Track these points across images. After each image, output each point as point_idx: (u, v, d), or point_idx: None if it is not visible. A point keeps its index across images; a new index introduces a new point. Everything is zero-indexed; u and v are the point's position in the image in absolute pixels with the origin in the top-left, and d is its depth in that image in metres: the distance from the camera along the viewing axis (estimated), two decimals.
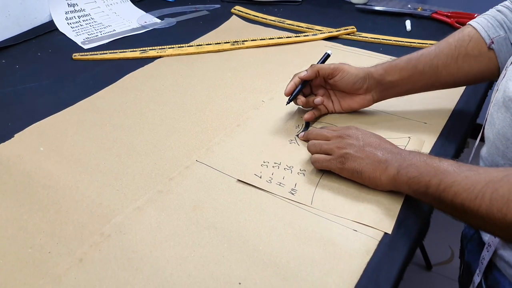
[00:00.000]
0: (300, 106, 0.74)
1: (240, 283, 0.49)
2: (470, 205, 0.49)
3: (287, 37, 1.02)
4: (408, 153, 0.57)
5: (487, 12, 0.71)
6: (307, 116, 0.72)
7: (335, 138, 0.62)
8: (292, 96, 0.71)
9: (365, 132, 0.62)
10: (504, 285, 0.58)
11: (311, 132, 0.66)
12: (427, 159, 0.55)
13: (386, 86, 0.72)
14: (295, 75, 0.73)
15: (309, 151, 0.64)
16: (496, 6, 0.71)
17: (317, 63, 0.74)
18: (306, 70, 0.71)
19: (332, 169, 0.61)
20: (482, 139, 0.65)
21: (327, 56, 0.75)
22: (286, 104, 0.72)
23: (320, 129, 0.66)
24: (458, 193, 0.50)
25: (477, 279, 0.62)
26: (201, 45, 0.99)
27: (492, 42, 0.67)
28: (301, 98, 0.72)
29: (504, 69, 0.61)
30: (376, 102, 0.74)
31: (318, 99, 0.71)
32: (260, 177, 0.62)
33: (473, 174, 0.50)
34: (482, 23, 0.69)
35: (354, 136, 0.61)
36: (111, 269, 0.50)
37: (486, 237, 0.61)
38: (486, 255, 0.60)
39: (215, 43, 0.99)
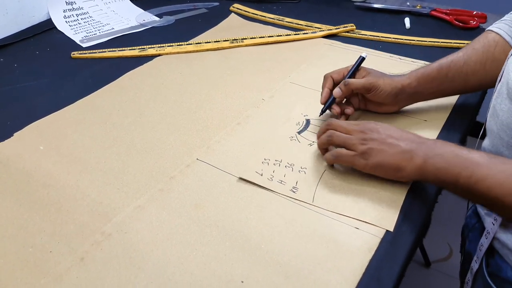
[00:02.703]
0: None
1: (242, 282, 0.49)
2: (505, 200, 0.49)
3: (286, 35, 1.01)
4: (433, 142, 0.57)
5: (504, 18, 0.72)
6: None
7: (356, 132, 0.61)
8: (326, 107, 0.71)
9: (384, 125, 0.61)
10: (506, 271, 0.59)
11: (331, 123, 0.63)
12: (456, 149, 0.54)
13: (415, 96, 0.72)
14: (326, 77, 0.72)
15: (328, 141, 0.62)
16: None
17: (352, 67, 0.72)
18: (338, 87, 0.69)
19: (355, 165, 0.60)
20: (481, 136, 0.65)
21: (361, 60, 0.72)
22: (320, 115, 0.72)
23: (340, 121, 0.64)
24: (491, 187, 0.50)
25: (475, 265, 0.63)
26: (200, 43, 0.98)
27: None
28: (336, 109, 0.71)
29: (506, 60, 0.61)
30: (400, 109, 0.74)
31: (349, 110, 0.72)
32: (261, 175, 0.62)
33: (508, 168, 0.50)
34: (504, 28, 0.69)
35: (375, 130, 0.60)
36: (113, 268, 0.50)
37: (487, 223, 0.62)
38: (484, 242, 0.60)
39: (214, 41, 0.99)
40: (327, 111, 0.72)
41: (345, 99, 0.74)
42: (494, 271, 0.61)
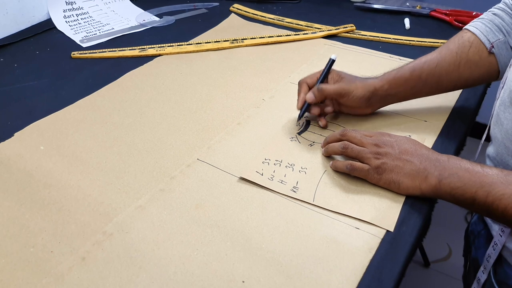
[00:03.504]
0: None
1: (243, 282, 0.49)
2: None
3: (286, 35, 1.02)
4: (446, 159, 0.56)
5: (482, 16, 0.71)
6: (323, 123, 0.72)
7: (370, 145, 0.61)
8: (302, 112, 0.71)
9: (398, 138, 0.61)
10: None
11: (346, 133, 0.63)
12: (470, 167, 0.54)
13: (388, 99, 0.72)
14: (301, 83, 0.72)
15: (342, 152, 0.62)
16: (491, 9, 0.71)
17: (323, 71, 0.72)
18: (311, 92, 0.69)
19: (369, 179, 0.60)
20: (487, 139, 0.65)
21: (332, 62, 0.72)
22: (298, 120, 0.72)
23: (355, 131, 0.64)
24: (509, 206, 0.50)
25: (482, 276, 0.62)
26: (200, 43, 0.98)
27: (493, 47, 0.67)
28: (314, 110, 0.72)
29: (508, 67, 0.61)
30: (374, 111, 0.74)
31: (329, 109, 0.72)
32: (262, 174, 0.62)
33: None
34: (480, 28, 0.69)
35: (389, 144, 0.60)
36: (114, 268, 0.50)
37: (494, 232, 0.62)
38: (492, 253, 0.60)
39: (214, 42, 0.99)
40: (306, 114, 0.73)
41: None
42: (503, 280, 0.61)
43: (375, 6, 1.16)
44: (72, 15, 1.10)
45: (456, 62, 0.69)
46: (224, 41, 0.99)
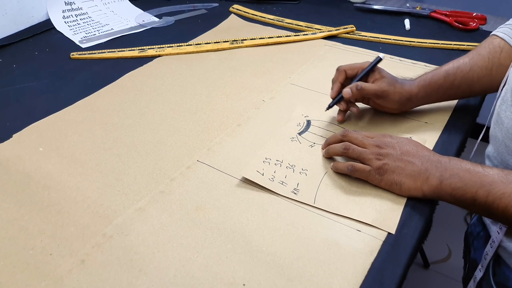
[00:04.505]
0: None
1: (244, 284, 0.49)
2: None
3: (286, 36, 1.01)
4: (448, 160, 0.56)
5: (509, 22, 0.72)
6: (339, 118, 0.73)
7: (372, 146, 0.60)
8: (333, 103, 0.71)
9: (400, 139, 0.61)
10: None
11: (347, 134, 0.63)
12: (470, 167, 0.54)
13: (419, 103, 0.73)
14: (340, 70, 0.71)
15: (343, 153, 0.62)
16: None
17: (367, 67, 0.71)
18: (350, 88, 0.69)
19: (370, 180, 0.60)
20: (484, 139, 0.65)
21: (378, 61, 0.71)
22: (326, 110, 0.72)
23: (356, 132, 0.63)
24: (510, 205, 0.50)
25: (479, 274, 0.62)
26: (200, 44, 0.98)
27: None
28: (342, 105, 0.71)
29: (511, 66, 0.61)
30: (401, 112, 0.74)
31: (354, 109, 0.72)
32: (263, 174, 0.62)
33: None
34: (509, 33, 0.69)
35: (390, 145, 0.60)
36: (114, 271, 0.50)
37: (493, 232, 0.62)
38: (489, 251, 0.60)
39: (214, 42, 0.99)
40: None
41: None
42: (501, 281, 0.60)
43: (375, 7, 1.16)
44: (71, 15, 1.10)
45: (488, 66, 0.69)
46: (223, 41, 0.99)
